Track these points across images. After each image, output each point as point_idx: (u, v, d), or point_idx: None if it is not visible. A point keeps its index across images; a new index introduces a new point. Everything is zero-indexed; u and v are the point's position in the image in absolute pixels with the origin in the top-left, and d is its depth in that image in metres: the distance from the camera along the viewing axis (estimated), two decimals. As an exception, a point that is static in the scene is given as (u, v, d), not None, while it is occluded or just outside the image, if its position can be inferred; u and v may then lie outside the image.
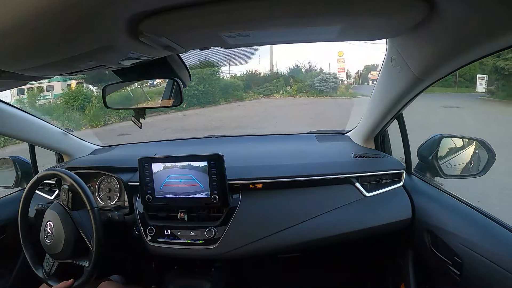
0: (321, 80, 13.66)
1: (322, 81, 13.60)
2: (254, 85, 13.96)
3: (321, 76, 13.99)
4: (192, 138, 1.71)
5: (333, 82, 13.82)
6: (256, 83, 14.04)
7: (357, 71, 25.77)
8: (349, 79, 22.61)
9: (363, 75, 26.45)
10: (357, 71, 25.77)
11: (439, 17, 0.52)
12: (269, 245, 1.01)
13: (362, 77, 26.31)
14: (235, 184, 1.07)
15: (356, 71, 25.33)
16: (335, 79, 14.16)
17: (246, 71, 14.25)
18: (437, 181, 1.10)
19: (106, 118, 8.40)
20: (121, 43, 0.56)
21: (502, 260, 0.70)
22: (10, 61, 0.57)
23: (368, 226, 1.03)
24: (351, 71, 24.28)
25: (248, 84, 13.77)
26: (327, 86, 13.47)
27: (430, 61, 0.69)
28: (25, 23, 0.40)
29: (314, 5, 0.48)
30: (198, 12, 0.49)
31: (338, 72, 15.88)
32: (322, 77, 13.87)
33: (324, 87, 13.47)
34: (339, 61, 15.59)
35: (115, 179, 1.19)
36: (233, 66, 12.61)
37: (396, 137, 1.17)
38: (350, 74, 23.74)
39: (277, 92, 13.72)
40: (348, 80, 21.75)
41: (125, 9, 0.45)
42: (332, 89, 13.53)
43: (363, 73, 26.45)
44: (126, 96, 1.09)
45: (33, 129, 1.26)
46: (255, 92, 13.81)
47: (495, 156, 1.00)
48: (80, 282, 0.92)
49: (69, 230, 0.94)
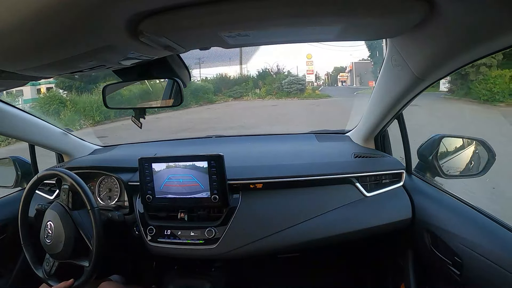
0: (289, 83, 14.31)
1: (289, 84, 14.26)
2: (224, 88, 14.37)
3: (288, 78, 14.62)
4: (192, 138, 1.71)
5: (300, 84, 14.49)
6: (226, 86, 14.47)
7: (327, 72, 26.24)
8: (318, 80, 23.05)
9: (333, 76, 26.77)
10: (327, 72, 26.24)
11: (439, 17, 0.52)
12: (269, 245, 1.01)
13: (331, 78, 26.66)
14: (235, 184, 1.07)
15: (325, 72, 25.73)
16: (302, 81, 14.85)
17: (217, 74, 14.63)
18: (437, 181, 1.10)
19: (81, 122, 8.61)
20: (121, 43, 0.56)
21: (502, 260, 0.70)
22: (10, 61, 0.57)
23: (368, 226, 1.03)
24: (321, 73, 24.58)
25: (218, 87, 14.13)
26: (294, 88, 14.14)
27: (430, 61, 0.69)
28: (25, 23, 0.40)
29: (314, 5, 0.48)
30: (198, 12, 0.49)
31: (307, 74, 16.88)
32: (290, 79, 14.52)
33: (292, 89, 14.13)
34: (308, 63, 16.65)
35: (115, 179, 1.19)
36: (204, 69, 13.17)
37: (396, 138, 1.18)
38: (320, 76, 24.11)
39: (247, 95, 14.29)
40: (318, 81, 22.17)
41: (125, 9, 0.45)
42: (299, 91, 14.17)
43: (333, 75, 26.78)
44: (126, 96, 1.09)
45: (33, 129, 1.26)
46: (225, 95, 14.20)
47: (495, 156, 1.00)
48: (80, 282, 0.92)
49: (69, 230, 0.94)
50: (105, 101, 0.97)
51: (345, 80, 24.50)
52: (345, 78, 24.65)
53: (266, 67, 15.67)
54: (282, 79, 14.70)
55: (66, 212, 0.96)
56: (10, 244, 1.23)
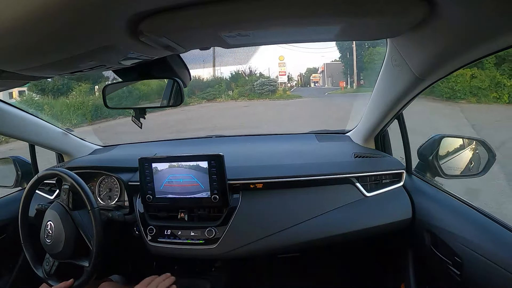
0: (261, 84, 14.83)
1: (261, 85, 14.78)
2: (197, 90, 14.52)
3: (260, 80, 15.17)
4: (192, 138, 1.71)
5: (272, 85, 14.99)
6: (199, 88, 14.64)
7: (300, 74, 26.54)
8: (291, 81, 23.52)
9: (306, 77, 27.10)
10: (300, 74, 26.54)
11: (439, 17, 0.52)
12: (269, 245, 1.01)
13: (304, 79, 26.97)
14: (235, 184, 1.07)
15: (298, 74, 26.05)
16: (273, 83, 15.34)
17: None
18: (437, 181, 1.10)
19: (59, 125, 8.73)
20: (121, 43, 0.56)
21: (502, 260, 0.70)
22: (10, 61, 0.57)
23: (368, 226, 1.03)
24: (294, 74, 24.99)
25: (191, 89, 14.17)
26: (266, 89, 14.66)
27: (430, 61, 0.69)
28: (25, 23, 0.40)
29: (314, 5, 0.48)
30: (198, 12, 0.49)
31: (280, 76, 17.29)
32: (262, 81, 15.05)
33: (263, 90, 14.64)
34: (280, 65, 17.00)
35: (115, 179, 1.19)
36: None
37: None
38: (292, 77, 24.53)
39: (220, 97, 14.60)
40: (290, 82, 22.65)
41: (126, 9, 0.45)
42: (271, 92, 14.68)
43: (306, 76, 27.08)
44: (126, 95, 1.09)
45: (33, 129, 1.26)
46: (198, 97, 14.35)
47: (495, 156, 1.00)
48: (80, 282, 0.92)
49: (69, 230, 0.94)
50: (105, 101, 0.98)
51: (318, 81, 25.02)
52: (317, 79, 25.18)
53: (239, 69, 16.16)
54: (254, 80, 15.19)
55: (66, 212, 0.96)
56: (10, 244, 1.23)
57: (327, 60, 22.93)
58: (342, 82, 19.30)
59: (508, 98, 9.41)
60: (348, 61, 18.84)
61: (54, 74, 0.79)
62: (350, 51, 18.47)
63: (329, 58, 23.67)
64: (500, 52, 0.59)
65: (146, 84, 0.96)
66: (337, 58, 21.11)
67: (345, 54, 19.24)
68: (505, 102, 9.34)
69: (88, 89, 10.64)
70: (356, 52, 17.75)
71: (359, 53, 17.65)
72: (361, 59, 17.13)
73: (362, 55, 17.11)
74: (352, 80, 18.63)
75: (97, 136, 5.50)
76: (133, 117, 0.97)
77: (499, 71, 9.40)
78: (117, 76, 0.90)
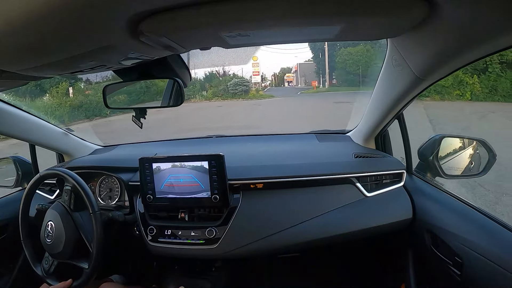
0: (234, 84, 15.09)
1: (234, 85, 15.04)
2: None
3: (233, 80, 15.39)
4: (192, 138, 1.71)
5: (245, 85, 15.29)
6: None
7: (274, 73, 26.74)
8: (265, 81, 23.69)
9: (279, 77, 27.26)
10: (274, 73, 26.74)
11: (440, 17, 0.52)
12: (269, 245, 1.01)
13: (278, 79, 27.13)
14: (236, 184, 1.07)
15: (273, 73, 26.20)
16: (247, 83, 15.63)
17: None
18: (437, 181, 1.10)
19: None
20: (122, 43, 0.56)
21: (503, 260, 0.70)
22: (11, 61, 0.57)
23: (368, 226, 1.03)
24: (268, 74, 25.03)
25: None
26: (239, 90, 14.97)
27: (430, 61, 0.69)
28: (25, 23, 0.40)
29: (314, 5, 0.48)
30: (198, 12, 0.48)
31: (253, 76, 17.55)
32: (235, 81, 15.28)
33: (237, 90, 14.95)
34: (254, 65, 17.17)
35: (115, 179, 1.19)
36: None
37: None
38: (266, 77, 24.58)
39: (194, 97, 14.76)
40: (264, 82, 22.84)
41: (126, 9, 0.45)
42: (244, 92, 14.99)
43: (279, 76, 27.24)
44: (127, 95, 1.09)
45: (34, 129, 1.26)
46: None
47: (496, 156, 1.00)
48: (79, 283, 0.92)
49: (70, 231, 0.95)
50: (105, 101, 0.98)
51: (292, 80, 25.22)
52: (291, 79, 25.38)
53: (213, 70, 16.37)
54: (228, 81, 15.43)
55: (67, 212, 0.97)
56: (10, 244, 1.24)
57: (301, 60, 23.35)
58: (314, 81, 19.74)
59: (470, 95, 10.29)
60: (321, 61, 19.24)
61: (54, 74, 0.79)
62: (322, 52, 18.80)
63: (302, 58, 24.10)
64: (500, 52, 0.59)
65: (165, 80, 0.96)
66: (310, 58, 21.53)
67: (317, 55, 19.60)
68: (467, 99, 10.21)
69: (65, 90, 10.66)
70: (328, 52, 18.20)
71: (331, 53, 18.07)
72: (333, 59, 17.60)
73: (334, 55, 17.59)
74: (325, 80, 19.13)
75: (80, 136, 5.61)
76: (134, 117, 0.97)
77: (462, 70, 10.08)
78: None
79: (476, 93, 10.25)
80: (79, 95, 11.13)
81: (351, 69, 16.23)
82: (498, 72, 9.96)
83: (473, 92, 10.23)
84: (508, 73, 9.96)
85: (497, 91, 10.12)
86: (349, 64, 16.29)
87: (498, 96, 10.11)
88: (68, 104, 10.18)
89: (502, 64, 9.90)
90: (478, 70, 10.06)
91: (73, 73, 0.75)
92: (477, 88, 10.19)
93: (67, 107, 10.03)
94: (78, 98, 10.85)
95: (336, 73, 17.98)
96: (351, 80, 16.24)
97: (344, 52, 16.59)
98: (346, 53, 16.47)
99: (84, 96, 11.15)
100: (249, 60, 15.09)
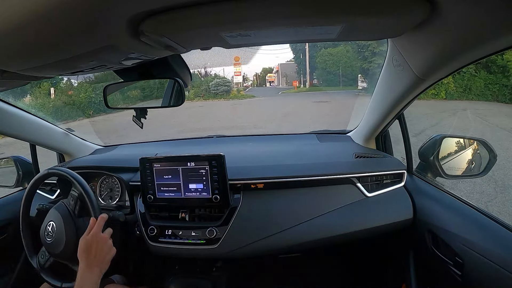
0: (215, 85, 15.11)
1: (216, 86, 15.08)
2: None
3: (215, 80, 15.38)
4: (193, 138, 1.71)
5: (226, 85, 15.33)
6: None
7: (256, 73, 26.65)
8: (247, 81, 23.47)
9: (261, 77, 27.19)
10: (256, 73, 26.65)
11: (441, 17, 0.52)
12: (270, 245, 1.00)
13: (260, 79, 27.04)
14: (236, 184, 1.06)
15: (254, 73, 26.08)
16: (228, 83, 15.65)
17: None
18: (438, 181, 1.10)
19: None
20: (122, 43, 0.56)
21: (503, 260, 0.70)
22: (12, 61, 0.57)
23: (369, 226, 1.03)
24: (250, 74, 25.01)
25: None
26: (221, 90, 15.03)
27: (431, 61, 0.69)
28: (26, 23, 0.40)
29: (315, 5, 0.48)
30: (199, 12, 0.48)
31: (235, 76, 17.32)
32: (216, 81, 15.28)
33: (218, 90, 15.01)
34: (236, 65, 16.76)
35: (116, 179, 1.19)
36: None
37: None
38: (248, 77, 24.55)
39: None
40: (246, 82, 22.47)
41: (126, 9, 0.45)
42: (225, 92, 15.06)
43: (261, 76, 27.17)
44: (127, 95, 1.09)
45: (34, 129, 1.27)
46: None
47: (496, 156, 1.00)
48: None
49: (71, 235, 0.95)
50: (106, 101, 0.98)
51: (273, 80, 25.21)
52: (273, 79, 25.34)
53: (194, 70, 16.22)
54: (209, 81, 15.38)
55: (70, 217, 0.97)
56: (11, 243, 1.24)
57: (282, 61, 23.37)
58: (295, 81, 19.62)
59: (445, 94, 10.73)
60: (302, 61, 19.30)
61: (55, 74, 0.79)
62: (303, 52, 18.77)
63: (284, 58, 24.25)
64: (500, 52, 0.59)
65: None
66: (291, 58, 21.50)
67: (298, 55, 19.58)
68: (442, 98, 10.64)
69: (47, 90, 10.52)
70: (309, 53, 18.10)
71: (311, 54, 17.94)
72: (314, 59, 17.54)
73: (315, 56, 17.49)
74: (305, 80, 19.10)
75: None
76: (134, 117, 0.97)
77: None
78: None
79: (451, 92, 10.75)
80: (62, 95, 10.93)
81: (332, 69, 16.42)
82: (472, 72, 10.52)
83: (447, 91, 10.70)
84: (482, 73, 10.59)
85: (471, 90, 10.75)
86: (330, 65, 16.43)
87: (472, 95, 10.74)
88: (52, 105, 10.07)
89: (477, 65, 10.28)
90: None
91: (73, 73, 0.75)
92: (451, 87, 10.70)
93: (50, 108, 9.90)
94: (61, 99, 10.69)
95: (317, 73, 18.17)
96: (331, 80, 16.58)
97: (324, 52, 16.70)
98: (326, 54, 16.58)
99: (67, 96, 10.95)
100: (231, 61, 15.07)
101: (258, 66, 27.78)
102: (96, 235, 0.85)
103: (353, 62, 15.46)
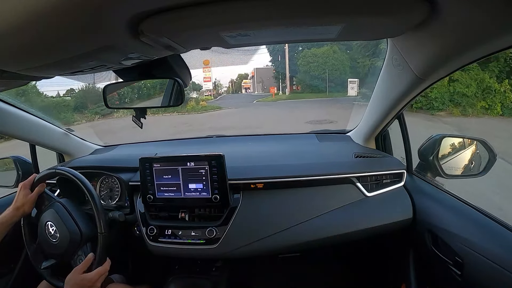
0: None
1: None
2: (91, 103, 11.41)
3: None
4: (193, 138, 1.71)
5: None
6: (93, 101, 11.39)
7: (231, 80, 25.76)
8: (220, 88, 22.04)
9: (237, 83, 26.25)
10: (231, 80, 25.76)
11: (440, 17, 0.52)
12: (270, 245, 1.01)
13: (235, 85, 26.16)
14: (236, 184, 1.07)
15: (230, 80, 25.18)
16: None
17: (83, 86, 11.45)
18: (438, 181, 1.10)
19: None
20: (122, 43, 0.56)
21: (503, 260, 0.70)
22: (11, 61, 0.57)
23: (369, 226, 1.03)
24: (225, 80, 23.99)
25: (83, 102, 11.39)
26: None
27: (431, 61, 0.69)
28: (26, 23, 0.40)
29: (315, 5, 0.48)
30: (198, 12, 0.48)
31: (204, 82, 15.17)
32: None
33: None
34: (205, 70, 14.45)
35: (116, 179, 1.19)
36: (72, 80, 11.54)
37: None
38: (221, 84, 23.50)
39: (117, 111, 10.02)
40: (219, 89, 21.28)
41: (126, 9, 0.45)
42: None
43: (237, 82, 26.26)
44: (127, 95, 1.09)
45: (34, 129, 1.27)
46: (90, 112, 11.17)
47: (496, 156, 1.00)
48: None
49: (74, 234, 0.95)
50: (105, 101, 0.98)
51: (249, 87, 23.33)
52: (248, 85, 23.55)
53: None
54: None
55: (70, 216, 0.97)
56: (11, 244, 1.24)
57: (258, 65, 20.59)
58: (273, 88, 17.30)
59: (502, 109, 7.80)
60: (280, 64, 16.83)
61: (55, 74, 0.79)
62: (282, 54, 16.46)
63: (261, 63, 20.59)
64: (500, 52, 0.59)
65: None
66: (267, 63, 19.10)
67: (276, 57, 17.15)
68: (498, 114, 7.81)
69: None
70: (289, 54, 15.85)
71: (291, 55, 15.82)
72: (295, 62, 15.30)
73: (295, 57, 15.39)
74: (285, 85, 16.69)
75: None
76: (134, 117, 0.97)
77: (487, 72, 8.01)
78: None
79: (509, 106, 7.21)
80: (37, 97, 9.97)
81: (316, 73, 14.02)
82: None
83: (504, 104, 7.30)
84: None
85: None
86: (313, 68, 14.07)
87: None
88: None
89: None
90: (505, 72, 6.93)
91: (73, 73, 0.75)
92: (511, 99, 7.06)
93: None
94: (35, 101, 9.64)
95: (299, 78, 15.61)
96: (316, 85, 14.24)
97: (307, 53, 14.40)
98: (310, 55, 14.28)
99: (41, 99, 10.08)
100: (200, 63, 12.01)
101: (234, 72, 26.14)
102: (84, 278, 0.86)
103: (343, 64, 13.47)
